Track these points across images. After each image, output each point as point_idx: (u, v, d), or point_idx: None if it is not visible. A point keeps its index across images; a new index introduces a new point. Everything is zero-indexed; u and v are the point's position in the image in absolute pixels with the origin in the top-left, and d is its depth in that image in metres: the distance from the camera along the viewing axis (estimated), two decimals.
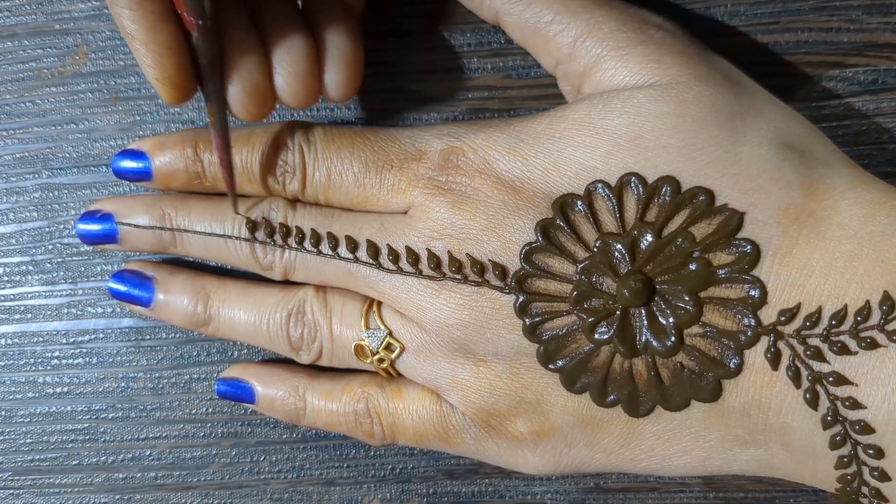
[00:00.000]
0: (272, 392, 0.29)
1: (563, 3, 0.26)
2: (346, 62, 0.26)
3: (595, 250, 0.25)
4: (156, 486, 0.32)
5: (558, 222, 0.25)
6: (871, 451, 0.23)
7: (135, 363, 0.31)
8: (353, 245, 0.27)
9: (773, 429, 0.24)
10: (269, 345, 0.29)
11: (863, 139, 0.29)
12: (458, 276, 0.25)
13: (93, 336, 0.31)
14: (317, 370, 0.30)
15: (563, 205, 0.25)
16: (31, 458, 0.32)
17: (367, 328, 0.28)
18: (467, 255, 0.25)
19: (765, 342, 0.23)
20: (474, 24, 0.29)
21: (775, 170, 0.24)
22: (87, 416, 0.32)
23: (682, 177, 0.24)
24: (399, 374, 0.28)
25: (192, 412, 0.32)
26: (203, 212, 0.28)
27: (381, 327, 0.27)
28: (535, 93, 0.30)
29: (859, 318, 0.23)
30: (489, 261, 0.25)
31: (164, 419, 0.32)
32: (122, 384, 0.32)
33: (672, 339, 0.24)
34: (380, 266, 0.26)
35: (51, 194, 0.31)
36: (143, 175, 0.29)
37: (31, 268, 0.31)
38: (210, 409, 0.32)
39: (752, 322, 0.23)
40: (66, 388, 0.32)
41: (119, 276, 0.30)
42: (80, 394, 0.32)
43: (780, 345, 0.23)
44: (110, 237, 0.29)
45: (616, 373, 0.25)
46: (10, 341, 0.32)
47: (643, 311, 0.24)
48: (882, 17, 0.28)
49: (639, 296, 0.24)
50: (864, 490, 0.24)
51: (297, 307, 0.28)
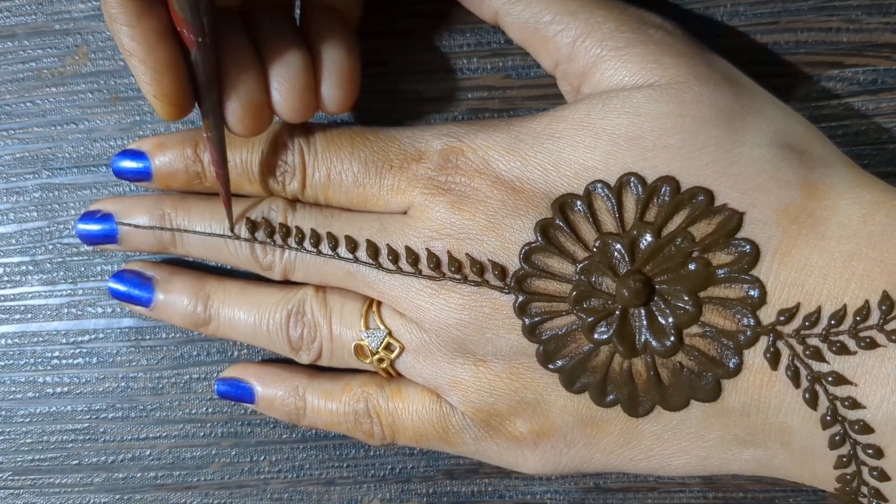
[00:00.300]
0: (272, 392, 0.29)
1: (563, 4, 0.26)
2: (343, 76, 0.26)
3: (594, 250, 0.25)
4: (156, 485, 0.32)
5: (558, 222, 0.25)
6: (870, 451, 0.23)
7: (135, 363, 0.32)
8: (352, 245, 0.27)
9: (773, 428, 0.24)
10: (269, 345, 0.29)
11: (862, 139, 0.29)
12: (457, 276, 0.25)
13: (93, 336, 0.31)
14: (317, 370, 0.30)
15: (563, 205, 0.25)
16: (31, 458, 0.32)
17: (367, 328, 0.28)
18: (467, 255, 0.25)
19: (764, 342, 0.23)
20: (474, 24, 0.29)
21: (775, 170, 0.24)
22: (87, 416, 0.32)
23: (682, 177, 0.24)
24: (399, 374, 0.28)
25: (192, 412, 0.32)
26: (203, 212, 0.28)
27: (381, 327, 0.27)
28: (534, 93, 0.30)
29: (858, 318, 0.23)
30: (489, 261, 0.25)
31: (164, 419, 0.32)
32: (122, 384, 0.32)
33: (671, 338, 0.24)
34: (379, 266, 0.26)
35: (51, 194, 0.31)
36: (143, 175, 0.29)
37: (31, 268, 0.31)
38: (210, 409, 0.32)
39: (752, 322, 0.23)
40: (66, 388, 0.32)
41: (119, 276, 0.30)
42: (80, 394, 0.32)
43: (780, 345, 0.23)
44: (110, 237, 0.29)
45: (615, 373, 0.25)
46: (10, 341, 0.32)
47: (642, 311, 0.24)
48: (881, 17, 0.28)
49: (638, 296, 0.24)
50: (864, 490, 0.24)
51: (296, 307, 0.28)
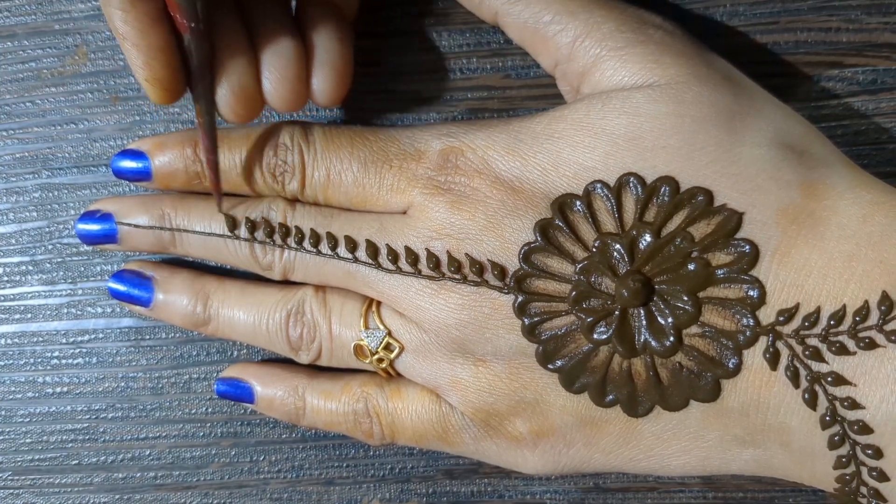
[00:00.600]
0: (271, 392, 0.29)
1: (562, 4, 0.26)
2: (334, 68, 0.26)
3: (594, 250, 0.25)
4: (155, 485, 0.32)
5: (557, 222, 0.25)
6: (869, 451, 0.23)
7: (134, 363, 0.32)
8: (352, 245, 0.27)
9: (772, 429, 0.24)
10: (269, 345, 0.29)
11: (862, 139, 0.29)
12: (457, 276, 0.25)
13: (93, 336, 0.31)
14: (316, 370, 0.30)
15: (562, 205, 0.25)
16: (31, 458, 0.32)
17: (367, 328, 0.28)
18: (466, 255, 0.25)
19: (763, 342, 0.23)
20: (473, 24, 0.29)
21: (774, 170, 0.24)
22: (87, 416, 0.32)
23: (681, 177, 0.24)
24: (398, 374, 0.28)
25: (192, 412, 0.32)
26: (203, 212, 0.28)
27: (381, 327, 0.27)
28: (534, 93, 0.30)
29: (858, 319, 0.23)
30: (488, 261, 0.25)
31: (164, 419, 0.32)
32: (122, 384, 0.32)
33: (671, 339, 0.24)
34: (379, 266, 0.26)
35: (51, 194, 0.31)
36: (142, 175, 0.29)
37: (31, 268, 0.31)
38: (210, 409, 0.32)
39: (751, 322, 0.23)
40: (66, 388, 0.32)
41: (119, 276, 0.30)
42: (79, 394, 0.32)
43: (779, 345, 0.23)
44: (110, 237, 0.29)
45: (615, 373, 0.25)
46: (10, 341, 0.32)
47: (642, 311, 0.24)
48: (881, 16, 0.28)
49: (637, 296, 0.24)
50: (863, 490, 0.24)
51: (296, 307, 0.28)
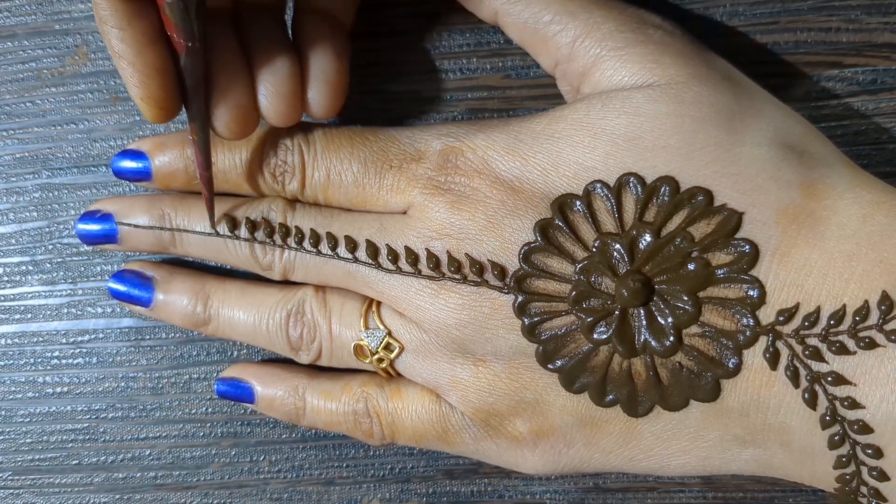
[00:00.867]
0: (272, 392, 0.29)
1: (562, 4, 0.26)
2: (330, 83, 0.26)
3: (594, 250, 0.25)
4: (155, 485, 0.32)
5: (557, 222, 0.25)
6: (869, 451, 0.23)
7: (134, 363, 0.32)
8: (352, 245, 0.27)
9: (772, 428, 0.24)
10: (269, 345, 0.29)
11: (862, 139, 0.29)
12: (457, 276, 0.25)
13: (93, 336, 0.32)
14: (316, 370, 0.30)
15: (562, 205, 0.25)
16: (31, 458, 0.32)
17: (367, 328, 0.28)
18: (466, 255, 0.25)
19: (763, 342, 0.23)
20: (473, 24, 0.29)
21: (774, 170, 0.24)
22: (87, 416, 0.32)
23: (681, 177, 0.24)
24: (398, 374, 0.28)
25: (192, 412, 0.32)
26: (203, 212, 0.28)
27: (381, 327, 0.27)
28: (534, 93, 0.30)
29: (858, 318, 0.23)
30: (488, 261, 0.25)
31: (164, 419, 0.32)
32: (122, 384, 0.32)
33: (671, 338, 0.24)
34: (379, 266, 0.26)
35: (51, 194, 0.31)
36: (142, 175, 0.29)
37: (31, 268, 0.31)
38: (210, 409, 0.32)
39: (751, 322, 0.23)
40: (66, 388, 0.32)
41: (119, 276, 0.30)
42: (80, 394, 0.32)
43: (779, 345, 0.23)
44: (110, 237, 0.29)
45: (615, 373, 0.25)
46: (10, 341, 0.32)
47: (642, 311, 0.24)
48: (881, 16, 0.28)
49: (637, 296, 0.24)
50: (863, 490, 0.24)
51: (296, 307, 0.28)
